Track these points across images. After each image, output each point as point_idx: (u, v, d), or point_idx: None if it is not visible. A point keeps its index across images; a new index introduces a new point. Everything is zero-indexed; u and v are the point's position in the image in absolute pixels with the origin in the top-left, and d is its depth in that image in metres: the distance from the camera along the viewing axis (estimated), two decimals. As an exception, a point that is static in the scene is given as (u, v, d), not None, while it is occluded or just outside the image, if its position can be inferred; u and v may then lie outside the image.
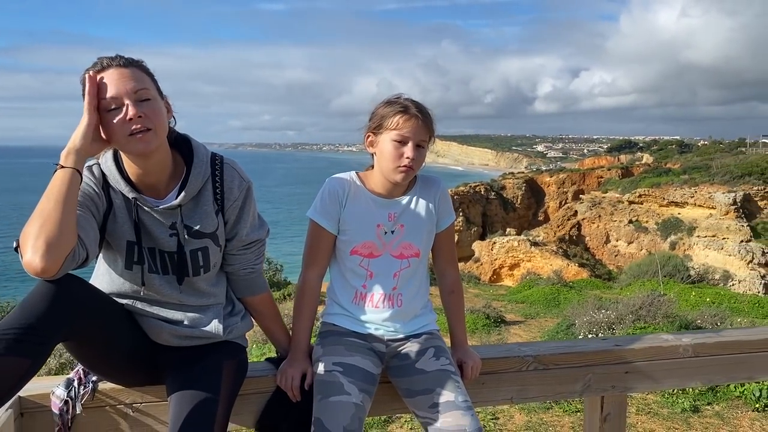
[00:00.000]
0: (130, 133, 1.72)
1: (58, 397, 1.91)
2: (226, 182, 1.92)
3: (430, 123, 2.05)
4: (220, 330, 1.96)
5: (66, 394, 1.92)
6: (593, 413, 2.39)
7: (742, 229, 31.94)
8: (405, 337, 2.12)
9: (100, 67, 1.74)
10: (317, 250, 2.13)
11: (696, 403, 6.55)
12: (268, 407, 2.07)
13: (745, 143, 67.00)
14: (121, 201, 1.84)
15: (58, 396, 1.91)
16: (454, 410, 1.89)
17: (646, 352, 2.36)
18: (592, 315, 9.25)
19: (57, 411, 1.90)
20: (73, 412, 1.92)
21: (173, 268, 1.90)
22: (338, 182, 2.11)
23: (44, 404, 1.93)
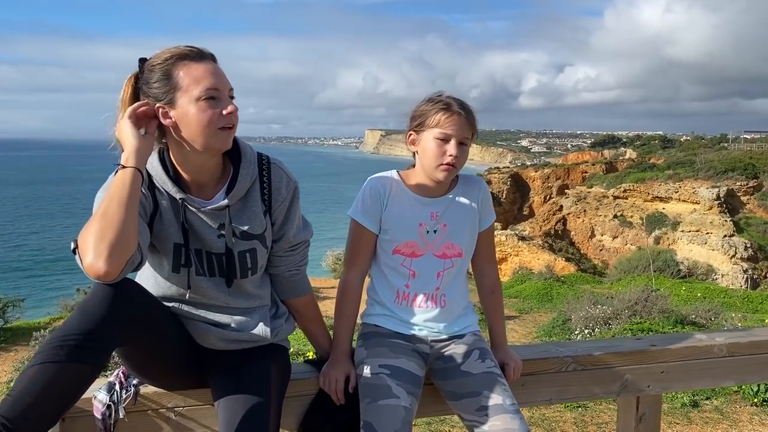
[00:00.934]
0: (221, 126, 1.70)
1: (101, 401, 1.87)
2: (274, 182, 1.89)
3: (472, 120, 2.02)
4: (268, 333, 1.93)
5: (108, 398, 1.88)
6: (628, 413, 2.40)
7: (726, 224, 32.30)
8: (449, 338, 2.10)
9: (194, 55, 1.71)
10: (358, 250, 2.11)
11: (695, 398, 6.62)
12: (311, 410, 2.05)
13: (728, 139, 67.72)
14: (167, 202, 1.80)
15: (101, 400, 1.87)
16: (503, 414, 1.87)
17: (681, 352, 2.37)
18: (588, 310, 9.30)
19: (99, 416, 1.86)
20: (115, 417, 1.88)
21: (221, 270, 1.86)
22: (380, 181, 2.09)
23: (86, 408, 1.88)
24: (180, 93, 1.69)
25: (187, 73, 1.69)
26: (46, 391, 1.40)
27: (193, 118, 1.69)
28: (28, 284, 30.95)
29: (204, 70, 1.70)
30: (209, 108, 1.68)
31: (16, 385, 1.46)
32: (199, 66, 1.70)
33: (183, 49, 1.72)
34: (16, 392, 1.43)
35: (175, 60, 1.71)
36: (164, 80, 1.71)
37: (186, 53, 1.72)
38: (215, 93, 1.69)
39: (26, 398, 1.40)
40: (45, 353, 1.48)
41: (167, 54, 1.72)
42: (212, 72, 1.71)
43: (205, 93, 1.68)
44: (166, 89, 1.71)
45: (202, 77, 1.69)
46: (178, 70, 1.70)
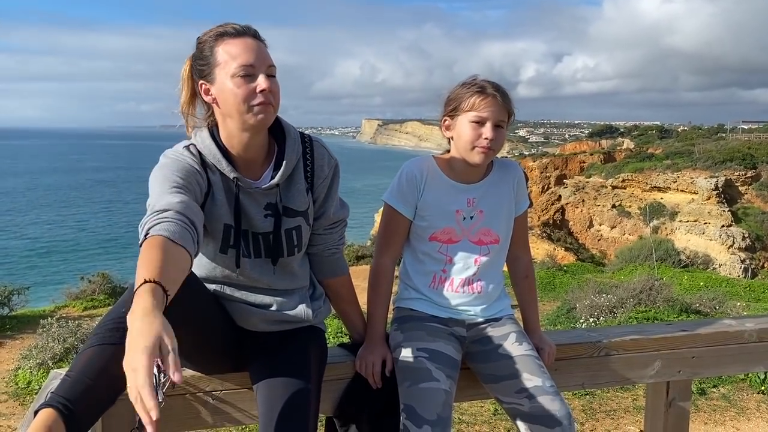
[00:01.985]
0: (257, 103, 1.69)
1: (140, 385, 1.86)
2: (316, 160, 1.90)
3: (508, 102, 2.00)
4: (309, 314, 1.93)
5: (147, 382, 1.87)
6: (658, 398, 2.40)
7: (724, 214, 32.42)
8: (485, 321, 2.10)
9: (234, 31, 1.72)
10: (393, 235, 2.10)
11: (702, 386, 6.65)
12: (347, 394, 2.05)
13: (725, 129, 67.80)
14: (219, 181, 1.79)
15: (140, 384, 1.86)
16: (543, 395, 1.88)
17: (712, 337, 2.37)
18: (593, 299, 9.33)
19: (138, 400, 1.85)
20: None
21: (267, 250, 1.86)
22: (416, 166, 2.07)
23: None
24: (218, 69, 1.71)
25: (226, 49, 1.71)
26: (103, 373, 1.39)
27: (229, 93, 1.70)
28: (31, 273, 30.95)
29: (242, 47, 1.70)
30: (244, 84, 1.69)
31: (74, 365, 1.45)
32: (237, 42, 1.71)
33: (225, 27, 1.74)
34: (74, 373, 1.42)
35: (216, 37, 1.73)
36: (206, 57, 1.74)
37: (226, 30, 1.73)
38: (250, 70, 1.69)
39: (85, 379, 1.39)
40: (101, 335, 1.47)
41: (211, 32, 1.74)
42: (249, 48, 1.71)
43: (241, 70, 1.68)
44: (207, 66, 1.73)
45: (238, 54, 1.69)
46: (218, 47, 1.72)
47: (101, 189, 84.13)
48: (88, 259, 36.51)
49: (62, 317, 9.32)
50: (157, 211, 1.52)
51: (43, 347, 7.69)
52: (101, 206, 65.39)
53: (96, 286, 12.76)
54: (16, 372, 7.86)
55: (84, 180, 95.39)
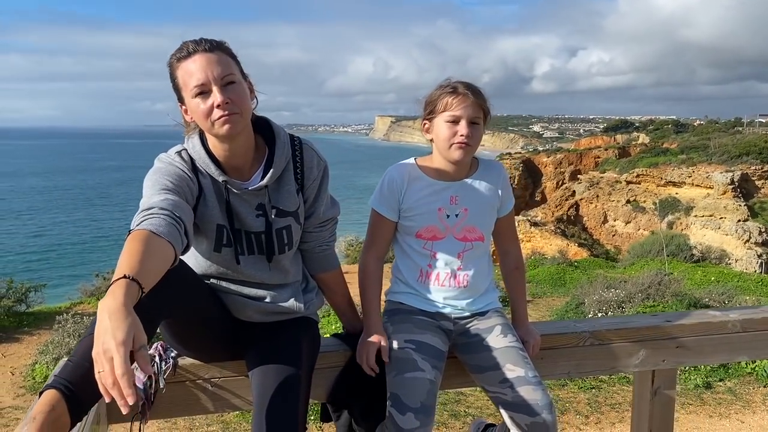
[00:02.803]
0: (217, 117, 1.76)
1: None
2: (306, 162, 1.98)
3: (482, 100, 2.07)
4: (301, 306, 2.03)
5: (149, 369, 1.98)
6: (644, 387, 2.47)
7: (740, 209, 32.04)
8: (471, 315, 2.18)
9: (186, 52, 1.78)
10: (377, 237, 2.21)
11: (708, 380, 6.68)
12: (340, 381, 2.14)
13: (742, 123, 67.03)
14: (209, 184, 1.88)
15: (142, 371, 1.97)
16: (525, 385, 1.96)
17: (695, 327, 2.44)
18: (601, 294, 9.35)
19: (141, 386, 1.95)
20: (155, 387, 1.99)
21: (260, 247, 1.96)
22: (397, 171, 2.17)
23: (127, 379, 1.99)
24: (184, 92, 1.81)
25: (182, 73, 1.79)
26: None
27: (194, 113, 1.80)
28: (47, 270, 31.39)
29: (193, 67, 1.76)
30: (202, 103, 1.76)
31: (75, 351, 1.56)
32: (189, 62, 1.77)
33: (181, 48, 1.80)
34: (76, 358, 1.53)
35: (173, 62, 1.81)
36: (173, 82, 1.84)
37: (181, 53, 1.79)
38: (204, 87, 1.75)
39: (85, 363, 1.49)
40: None
41: (172, 56, 1.81)
42: (199, 66, 1.75)
43: (196, 89, 1.76)
44: (177, 90, 1.84)
45: (190, 75, 1.76)
46: (177, 71, 1.80)
47: (116, 187, 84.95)
48: (103, 256, 36.96)
49: (77, 313, 9.50)
50: (144, 210, 1.62)
51: (59, 343, 7.87)
52: (116, 204, 66.03)
53: (110, 283, 12.94)
54: (33, 367, 8.05)
55: (100, 179, 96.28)
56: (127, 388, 1.27)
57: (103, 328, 1.32)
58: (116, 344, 1.29)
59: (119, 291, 1.38)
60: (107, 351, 1.29)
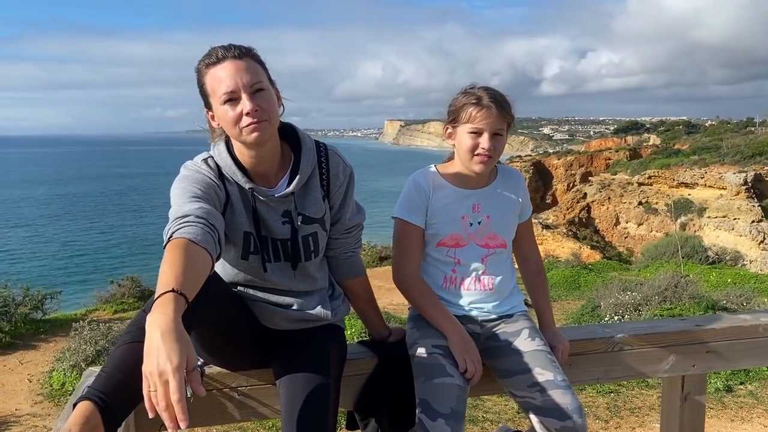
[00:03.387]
0: (246, 125, 1.76)
1: (170, 381, 1.96)
2: (332, 168, 1.98)
3: (506, 110, 2.06)
4: (329, 313, 2.02)
5: (176, 378, 1.97)
6: (673, 393, 2.44)
7: (753, 210, 31.77)
8: (498, 317, 2.16)
9: (215, 59, 1.77)
10: (410, 247, 2.15)
11: (729, 383, 6.61)
12: (367, 389, 2.12)
13: (754, 123, 66.48)
14: (236, 191, 1.88)
15: (169, 380, 1.96)
16: (555, 389, 1.93)
17: (726, 332, 2.41)
18: (618, 297, 9.28)
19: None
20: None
21: (285, 255, 1.95)
22: (422, 177, 2.16)
23: (155, 388, 1.98)
24: (212, 99, 1.81)
25: (210, 79, 1.78)
26: (135, 368, 1.48)
27: (222, 120, 1.80)
28: (62, 278, 31.63)
29: (222, 74, 1.76)
30: (230, 110, 1.76)
31: (108, 362, 1.55)
32: (218, 69, 1.77)
33: (209, 54, 1.79)
34: (109, 368, 1.52)
35: (203, 67, 1.81)
36: (201, 88, 1.84)
37: (209, 59, 1.79)
38: (233, 95, 1.75)
39: (118, 374, 1.49)
40: (133, 333, 1.56)
41: (201, 62, 1.81)
42: (229, 73, 1.75)
43: (224, 97, 1.76)
44: (204, 96, 1.84)
45: (219, 82, 1.76)
46: (206, 78, 1.80)
47: (128, 194, 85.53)
48: (116, 263, 37.18)
49: (93, 320, 9.54)
50: (179, 218, 1.61)
51: (75, 350, 7.90)
52: (129, 211, 66.45)
53: (125, 290, 13.02)
54: (50, 374, 8.09)
55: (111, 186, 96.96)
56: (182, 413, 1.28)
57: (155, 347, 1.32)
58: (172, 369, 1.29)
59: (169, 307, 1.37)
60: (162, 374, 1.29)
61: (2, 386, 8.15)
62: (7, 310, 10.23)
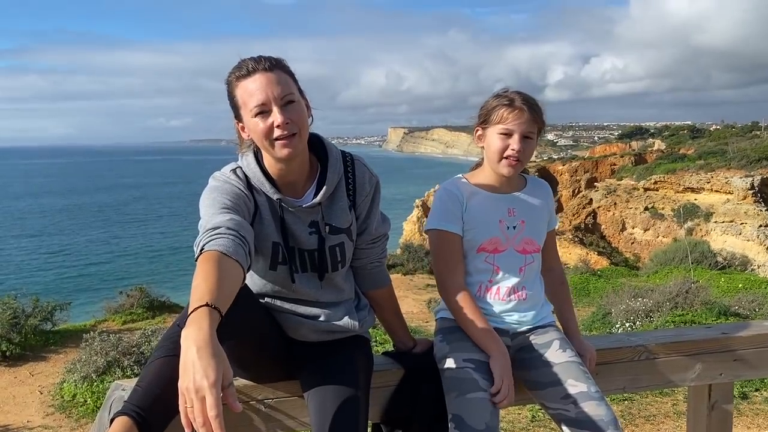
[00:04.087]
0: (276, 138, 1.77)
1: (196, 394, 1.95)
2: (358, 178, 1.98)
3: (538, 114, 2.06)
4: (356, 324, 2.01)
5: (202, 391, 1.95)
6: (700, 402, 2.42)
7: (761, 214, 31.67)
8: (528, 329, 2.15)
9: (246, 71, 1.78)
10: (452, 256, 2.11)
11: (744, 390, 6.55)
12: (394, 401, 2.11)
13: (759, 127, 66.34)
14: (264, 201, 1.88)
15: (195, 394, 1.95)
16: (589, 401, 1.91)
17: (753, 339, 2.39)
18: (629, 303, 9.23)
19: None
20: (210, 409, 1.96)
21: (312, 265, 1.94)
22: (453, 185, 2.15)
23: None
24: (242, 111, 1.82)
25: (241, 92, 1.80)
26: (171, 383, 1.47)
27: (253, 132, 1.82)
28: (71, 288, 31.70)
29: (253, 86, 1.77)
30: (261, 122, 1.78)
31: (143, 376, 1.55)
32: (249, 82, 1.78)
33: (240, 67, 1.81)
34: (144, 383, 1.52)
35: (232, 80, 1.82)
36: (231, 100, 1.85)
37: (240, 72, 1.80)
38: (264, 107, 1.77)
39: (154, 389, 1.48)
40: (167, 347, 1.56)
41: (231, 74, 1.82)
42: (260, 86, 1.77)
43: (255, 110, 1.77)
44: (235, 107, 1.85)
45: (251, 94, 1.77)
46: (236, 90, 1.81)
47: (134, 204, 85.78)
48: (123, 273, 37.24)
49: (103, 331, 9.52)
50: (210, 229, 1.61)
51: (86, 361, 7.87)
52: (134, 221, 66.58)
53: (134, 300, 12.99)
54: (61, 385, 8.07)
55: (117, 196, 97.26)
56: (219, 429, 1.28)
57: (191, 362, 1.32)
58: (209, 385, 1.29)
59: (204, 321, 1.38)
60: (199, 390, 1.30)
61: (13, 398, 8.14)
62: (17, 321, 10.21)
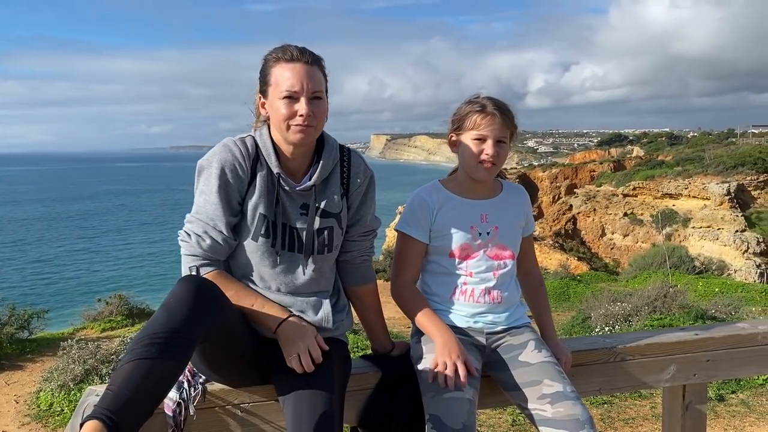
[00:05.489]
0: (295, 123, 1.87)
1: (171, 399, 1.93)
2: (353, 168, 2.06)
3: (509, 119, 2.11)
4: (330, 319, 2.02)
5: (178, 396, 1.94)
6: (674, 402, 2.45)
7: (737, 219, 32.13)
8: (504, 330, 2.16)
9: (290, 56, 1.89)
10: (408, 259, 2.19)
11: (721, 392, 6.63)
12: (371, 404, 2.11)
13: (735, 134, 67.43)
14: (264, 175, 1.95)
15: (171, 398, 1.93)
16: (565, 400, 1.93)
17: (725, 340, 2.42)
18: (608, 308, 9.32)
19: (170, 413, 1.92)
20: (185, 414, 1.94)
21: (299, 245, 1.98)
22: (426, 192, 2.18)
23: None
24: (271, 89, 1.93)
25: (278, 72, 1.91)
26: (142, 386, 1.46)
27: (275, 112, 1.92)
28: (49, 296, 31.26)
29: (291, 73, 1.88)
30: (286, 106, 1.89)
31: (113, 379, 1.53)
32: (288, 67, 1.90)
33: (284, 50, 1.92)
34: (115, 387, 1.50)
35: (273, 60, 1.93)
36: (264, 76, 1.96)
37: (284, 55, 1.91)
38: (294, 94, 1.88)
39: (125, 392, 1.47)
40: (138, 350, 1.55)
41: (272, 53, 1.94)
42: (297, 74, 1.88)
43: (284, 92, 1.87)
44: (264, 84, 1.96)
45: (286, 78, 1.89)
46: (273, 69, 1.92)
47: (114, 212, 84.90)
48: (104, 280, 36.83)
49: (81, 339, 9.40)
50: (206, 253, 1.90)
51: (63, 369, 7.76)
52: (114, 230, 65.85)
53: (113, 308, 12.86)
54: (37, 394, 7.95)
55: (96, 203, 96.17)
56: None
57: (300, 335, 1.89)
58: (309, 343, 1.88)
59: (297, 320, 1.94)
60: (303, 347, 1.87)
61: (-12, 408, 8.00)
62: (-7, 329, 10.07)
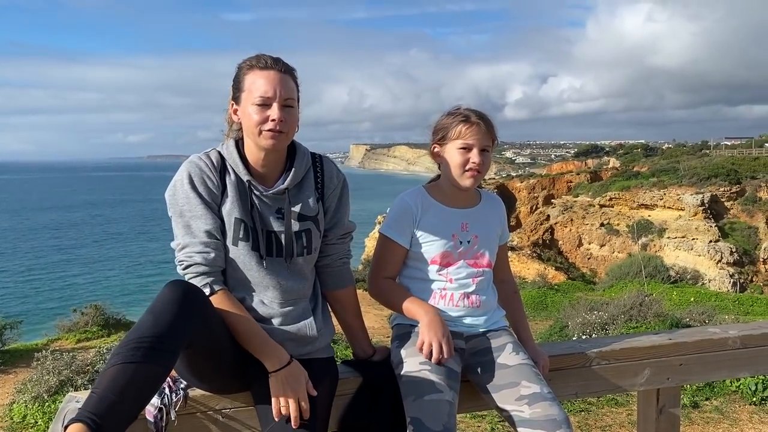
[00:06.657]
0: (266, 129, 1.90)
1: (153, 405, 1.93)
2: (326, 172, 2.10)
3: (491, 128, 2.18)
4: (314, 326, 2.04)
5: (159, 401, 1.94)
6: (648, 406, 2.50)
7: (711, 230, 32.66)
8: (482, 333, 2.21)
9: (264, 64, 1.93)
10: (388, 262, 2.24)
11: (695, 399, 6.73)
12: (352, 410, 2.12)
13: (708, 145, 68.64)
14: (234, 182, 1.97)
15: (153, 404, 1.93)
16: (542, 401, 1.97)
17: (697, 345, 2.48)
18: (585, 316, 9.42)
19: (152, 419, 1.92)
20: (166, 419, 1.95)
21: (278, 249, 2.00)
22: (410, 198, 2.22)
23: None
24: (244, 95, 1.96)
25: (252, 80, 1.95)
26: (126, 390, 1.47)
27: (247, 118, 1.95)
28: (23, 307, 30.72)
29: (264, 80, 1.93)
30: (258, 112, 1.93)
31: (98, 383, 1.54)
32: (262, 74, 1.94)
33: (258, 59, 1.96)
34: (99, 390, 1.51)
35: (248, 67, 1.96)
36: (237, 83, 2.00)
37: (258, 63, 1.95)
38: (267, 100, 1.92)
39: (110, 396, 1.48)
40: (123, 354, 1.56)
41: (247, 61, 1.98)
42: (271, 81, 1.92)
43: (258, 99, 1.91)
44: (237, 91, 1.99)
45: (259, 85, 1.93)
46: (246, 76, 1.95)
47: (90, 222, 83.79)
48: (79, 290, 36.29)
49: (56, 350, 9.26)
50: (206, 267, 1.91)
51: (38, 380, 7.64)
52: (91, 240, 64.96)
53: (89, 318, 12.71)
54: (10, 406, 7.81)
55: (72, 213, 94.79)
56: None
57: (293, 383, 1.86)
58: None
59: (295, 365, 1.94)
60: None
61: (-40, 420, 7.84)
62: (-36, 341, 9.89)
